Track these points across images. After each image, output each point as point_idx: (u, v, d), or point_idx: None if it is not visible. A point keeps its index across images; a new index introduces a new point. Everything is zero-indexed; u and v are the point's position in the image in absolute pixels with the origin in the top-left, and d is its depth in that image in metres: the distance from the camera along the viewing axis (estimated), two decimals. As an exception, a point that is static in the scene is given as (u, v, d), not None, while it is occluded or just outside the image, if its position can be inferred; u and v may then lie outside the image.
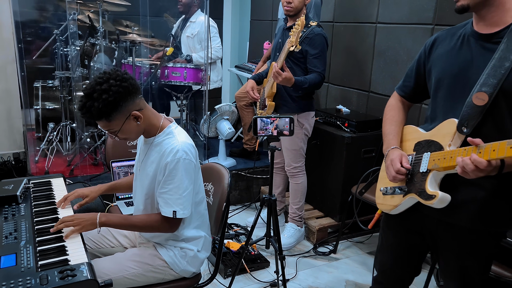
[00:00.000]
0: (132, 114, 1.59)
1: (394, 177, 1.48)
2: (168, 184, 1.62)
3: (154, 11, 4.19)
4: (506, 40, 1.27)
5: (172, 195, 1.62)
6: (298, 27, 2.42)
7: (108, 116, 1.55)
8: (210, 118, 3.64)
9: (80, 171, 3.42)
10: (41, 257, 1.36)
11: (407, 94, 1.65)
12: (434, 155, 1.38)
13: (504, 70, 1.26)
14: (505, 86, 1.26)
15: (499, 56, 1.27)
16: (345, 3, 3.52)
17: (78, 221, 1.57)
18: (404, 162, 1.47)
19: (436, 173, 1.38)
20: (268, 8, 4.69)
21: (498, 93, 1.27)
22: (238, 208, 3.58)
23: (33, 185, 1.93)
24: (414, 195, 1.43)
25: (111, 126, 1.59)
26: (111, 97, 1.51)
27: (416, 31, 2.88)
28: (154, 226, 1.67)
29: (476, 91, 1.30)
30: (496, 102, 1.28)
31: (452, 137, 1.35)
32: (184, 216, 1.64)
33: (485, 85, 1.28)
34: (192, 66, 3.75)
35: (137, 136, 1.70)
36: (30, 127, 3.79)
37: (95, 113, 1.52)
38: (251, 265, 2.69)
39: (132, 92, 1.59)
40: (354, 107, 3.46)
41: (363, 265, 2.84)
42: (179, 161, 1.60)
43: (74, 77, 3.57)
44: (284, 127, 2.17)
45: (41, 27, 4.35)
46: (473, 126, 1.30)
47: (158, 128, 1.69)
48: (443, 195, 1.34)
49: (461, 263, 1.45)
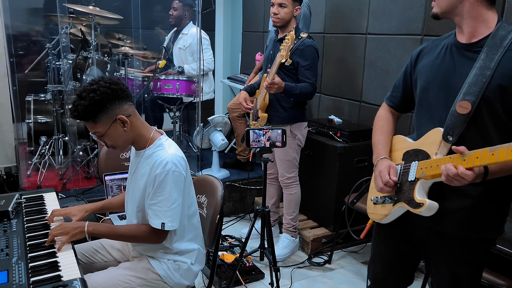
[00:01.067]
0: (118, 118, 1.60)
1: (382, 188, 1.50)
2: (158, 196, 1.62)
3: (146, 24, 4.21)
4: (486, 49, 1.31)
5: (161, 207, 1.62)
6: (288, 41, 2.45)
7: (94, 116, 1.57)
8: (203, 130, 3.65)
9: (73, 185, 3.40)
10: (33, 274, 1.35)
11: (396, 104, 1.68)
12: (421, 164, 1.41)
13: (485, 78, 1.29)
14: (486, 94, 1.29)
15: (480, 65, 1.31)
16: (335, 15, 3.57)
17: (66, 229, 1.57)
18: (392, 174, 1.49)
19: (424, 182, 1.40)
20: (259, 20, 4.74)
21: (480, 102, 1.30)
22: (232, 220, 3.56)
23: (25, 200, 1.92)
24: (403, 203, 1.45)
25: (97, 129, 1.61)
26: (98, 96, 1.55)
27: (405, 42, 2.92)
28: (141, 236, 1.67)
29: (460, 100, 1.33)
30: (478, 110, 1.31)
31: (439, 145, 1.38)
32: (173, 228, 1.64)
33: (468, 94, 1.32)
34: (185, 78, 3.76)
35: (125, 144, 1.69)
36: (22, 141, 3.76)
37: (81, 112, 1.55)
38: (246, 277, 2.68)
39: (120, 96, 1.61)
40: (346, 117, 3.49)
41: (358, 275, 2.84)
42: (168, 173, 1.60)
43: (66, 91, 3.56)
44: (276, 138, 2.18)
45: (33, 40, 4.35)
46: (458, 135, 1.33)
47: (148, 140, 1.70)
48: (430, 203, 1.36)
49: (452, 271, 1.46)
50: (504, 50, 1.29)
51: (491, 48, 1.31)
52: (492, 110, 1.30)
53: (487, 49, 1.31)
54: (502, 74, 1.28)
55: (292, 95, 2.67)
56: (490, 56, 1.30)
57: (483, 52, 1.32)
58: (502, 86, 1.28)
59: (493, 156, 1.14)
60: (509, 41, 1.29)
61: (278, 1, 2.73)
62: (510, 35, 1.30)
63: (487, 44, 1.32)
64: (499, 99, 1.29)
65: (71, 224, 1.63)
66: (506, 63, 1.28)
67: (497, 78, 1.28)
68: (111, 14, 3.67)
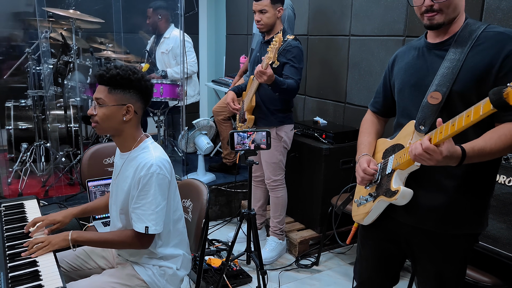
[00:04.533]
0: (128, 105, 1.62)
1: (363, 177, 1.53)
2: (141, 199, 1.60)
3: (128, 27, 4.17)
4: (455, 43, 1.38)
5: (145, 210, 1.60)
6: (276, 43, 2.44)
7: (115, 86, 1.60)
8: (188, 134, 3.62)
9: (56, 192, 3.33)
10: (13, 283, 1.32)
11: (379, 110, 1.74)
12: (396, 155, 1.45)
13: (455, 69, 1.35)
14: (456, 84, 1.34)
15: (450, 58, 1.37)
16: (318, 17, 3.58)
17: (48, 240, 1.55)
18: (372, 165, 1.53)
19: (400, 172, 1.43)
20: (243, 23, 4.74)
21: (451, 91, 1.35)
22: (218, 224, 3.54)
23: (4, 209, 1.87)
24: (382, 196, 1.47)
25: (105, 97, 1.61)
26: (132, 77, 1.60)
27: (388, 43, 2.94)
28: (126, 241, 1.64)
29: (431, 91, 1.38)
30: (449, 100, 1.36)
31: (412, 135, 1.42)
32: (156, 232, 1.62)
33: (439, 85, 1.37)
34: (168, 82, 3.73)
35: (109, 128, 1.65)
36: (2, 148, 3.69)
37: (110, 75, 1.58)
38: (233, 281, 2.66)
39: (144, 95, 1.67)
40: (331, 118, 3.50)
41: (345, 276, 2.84)
42: (153, 176, 1.58)
43: (47, 96, 3.50)
44: (261, 140, 2.17)
45: (12, 45, 4.27)
46: (430, 124, 1.37)
47: (135, 142, 1.69)
48: (404, 189, 1.38)
49: (436, 268, 1.48)
50: (472, 42, 1.34)
51: (460, 42, 1.37)
52: (465, 101, 1.33)
53: (456, 43, 1.38)
54: (472, 67, 1.33)
55: (279, 89, 2.61)
56: (459, 49, 1.36)
57: (452, 45, 1.38)
58: (474, 79, 1.32)
59: (453, 126, 1.17)
60: (476, 34, 1.35)
61: (258, 8, 2.73)
62: (478, 29, 1.36)
63: (457, 39, 1.38)
64: (474, 91, 1.33)
65: (55, 235, 1.60)
66: (474, 57, 1.33)
67: (467, 70, 1.33)
68: (92, 17, 3.62)
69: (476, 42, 1.34)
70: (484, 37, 1.34)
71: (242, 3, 4.72)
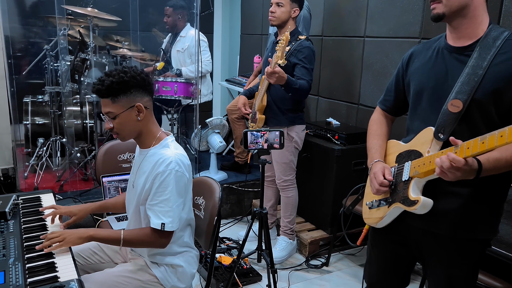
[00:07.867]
0: (137, 105, 1.61)
1: (378, 189, 1.51)
2: (159, 196, 1.61)
3: (144, 26, 4.22)
4: (479, 49, 1.33)
5: (162, 207, 1.61)
6: (283, 42, 2.45)
7: (116, 95, 1.59)
8: (201, 132, 3.65)
9: (70, 187, 3.39)
10: (30, 274, 1.35)
11: (389, 108, 1.70)
12: (414, 163, 1.42)
13: (477, 77, 1.30)
14: (478, 92, 1.30)
15: (472, 64, 1.32)
16: (333, 18, 3.58)
17: (63, 236, 1.55)
18: (387, 174, 1.50)
19: (418, 180, 1.41)
20: (257, 22, 4.75)
21: (472, 100, 1.31)
22: (229, 222, 3.56)
23: (22, 201, 1.91)
24: (398, 203, 1.45)
25: (111, 109, 1.60)
26: (127, 78, 1.58)
27: (403, 45, 2.93)
28: (144, 240, 1.65)
29: (452, 99, 1.34)
30: (470, 109, 1.32)
31: (430, 144, 1.39)
32: (173, 229, 1.63)
33: (460, 92, 1.33)
34: (183, 80, 3.76)
35: (130, 133, 1.67)
36: (20, 143, 3.75)
37: (106, 86, 1.57)
38: (243, 279, 2.68)
39: (146, 87, 1.65)
40: (344, 119, 3.49)
41: (355, 277, 2.84)
42: (171, 173, 1.60)
43: (64, 92, 3.56)
44: (274, 140, 2.18)
45: (31, 42, 4.35)
46: (449, 132, 1.34)
47: (155, 139, 1.70)
48: (425, 199, 1.36)
49: (447, 272, 1.47)
50: (497, 50, 1.30)
51: (483, 48, 1.32)
52: (484, 111, 1.31)
53: (480, 49, 1.32)
54: (495, 76, 1.29)
55: (291, 89, 2.62)
56: (483, 56, 1.31)
57: (476, 52, 1.33)
58: (495, 90, 1.29)
59: (483, 144, 1.15)
60: (501, 42, 1.30)
61: (275, 0, 2.75)
62: (502, 35, 1.31)
63: (480, 44, 1.33)
64: (492, 101, 1.30)
65: (72, 230, 1.60)
66: (498, 66, 1.29)
67: (489, 79, 1.29)
68: (109, 16, 3.67)
69: (501, 50, 1.30)
70: (509, 45, 1.30)
71: (257, 3, 4.74)
